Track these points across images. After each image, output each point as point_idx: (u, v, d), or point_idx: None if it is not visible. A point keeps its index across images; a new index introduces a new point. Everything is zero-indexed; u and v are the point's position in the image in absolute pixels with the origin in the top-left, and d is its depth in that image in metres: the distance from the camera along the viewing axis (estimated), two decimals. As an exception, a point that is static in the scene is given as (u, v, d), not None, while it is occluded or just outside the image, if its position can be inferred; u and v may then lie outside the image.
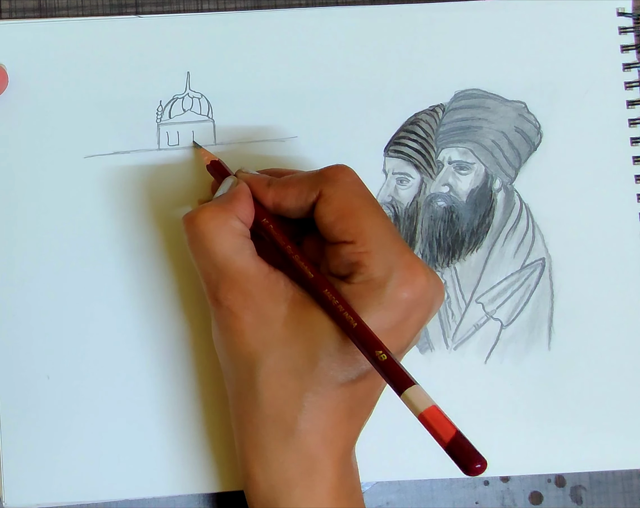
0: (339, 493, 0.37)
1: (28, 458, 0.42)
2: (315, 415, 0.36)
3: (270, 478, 0.37)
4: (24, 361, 0.43)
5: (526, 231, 0.45)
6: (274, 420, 0.37)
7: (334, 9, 0.46)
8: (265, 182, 0.39)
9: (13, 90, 0.44)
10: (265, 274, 0.37)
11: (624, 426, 0.44)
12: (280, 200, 0.39)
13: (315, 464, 0.37)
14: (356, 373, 0.36)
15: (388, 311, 0.36)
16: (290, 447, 0.37)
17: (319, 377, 0.36)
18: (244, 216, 0.38)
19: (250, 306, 0.37)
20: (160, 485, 0.43)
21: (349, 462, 0.39)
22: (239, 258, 0.37)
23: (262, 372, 0.37)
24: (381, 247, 0.36)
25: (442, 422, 0.32)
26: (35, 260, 0.43)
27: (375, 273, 0.36)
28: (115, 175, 0.43)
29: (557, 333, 0.45)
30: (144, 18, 0.45)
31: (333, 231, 0.37)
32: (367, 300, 0.36)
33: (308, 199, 0.38)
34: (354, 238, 0.36)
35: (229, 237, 0.37)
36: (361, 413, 0.38)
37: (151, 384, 0.43)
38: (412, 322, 0.37)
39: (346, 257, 0.37)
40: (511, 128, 0.45)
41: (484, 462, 0.31)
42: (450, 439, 0.31)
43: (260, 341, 0.36)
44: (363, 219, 0.37)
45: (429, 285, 0.37)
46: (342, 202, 0.37)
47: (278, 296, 0.37)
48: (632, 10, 0.46)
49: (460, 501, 0.45)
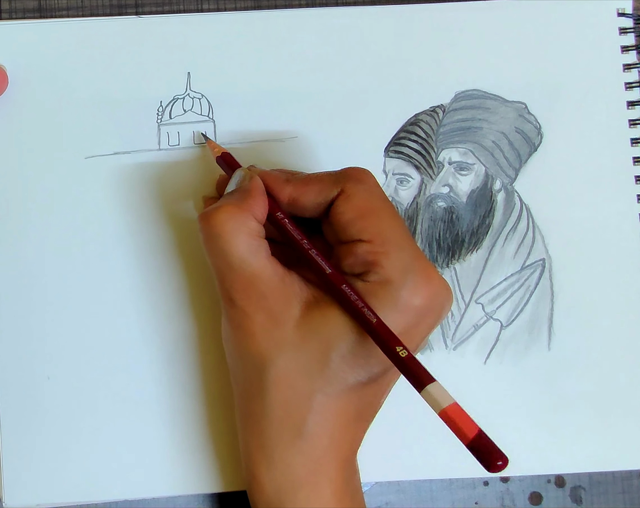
0: (343, 494, 0.37)
1: (28, 458, 0.42)
2: (324, 417, 0.36)
3: (275, 480, 0.37)
4: (24, 361, 0.43)
5: (526, 232, 0.45)
6: (281, 421, 0.37)
7: (334, 9, 0.46)
8: (283, 178, 0.39)
9: (13, 90, 0.43)
10: (281, 277, 0.37)
11: (624, 426, 0.44)
12: (299, 196, 0.38)
13: (321, 466, 0.37)
14: (367, 376, 0.36)
15: (401, 314, 0.36)
16: (298, 448, 0.37)
17: (330, 378, 0.36)
18: (259, 215, 0.38)
19: (264, 307, 0.36)
20: (161, 485, 0.43)
21: (354, 464, 0.39)
22: (255, 260, 0.37)
23: (271, 372, 0.36)
24: (398, 250, 0.36)
25: (465, 419, 0.32)
26: (36, 261, 0.43)
27: (391, 274, 0.36)
28: (116, 176, 0.43)
29: (557, 334, 0.45)
30: (144, 18, 0.45)
31: (351, 228, 0.37)
32: (382, 301, 0.36)
33: (329, 195, 0.38)
34: (372, 237, 0.37)
35: (245, 238, 0.37)
36: (367, 417, 0.38)
37: (151, 384, 0.43)
38: (423, 328, 0.37)
39: (362, 256, 0.37)
40: (511, 129, 0.45)
41: (506, 459, 0.31)
42: (474, 436, 0.31)
43: (272, 342, 0.36)
44: (382, 220, 0.37)
45: (441, 291, 0.37)
46: (364, 200, 0.37)
47: (292, 298, 0.37)
48: (632, 10, 0.46)
49: (459, 501, 0.45)
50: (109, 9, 0.46)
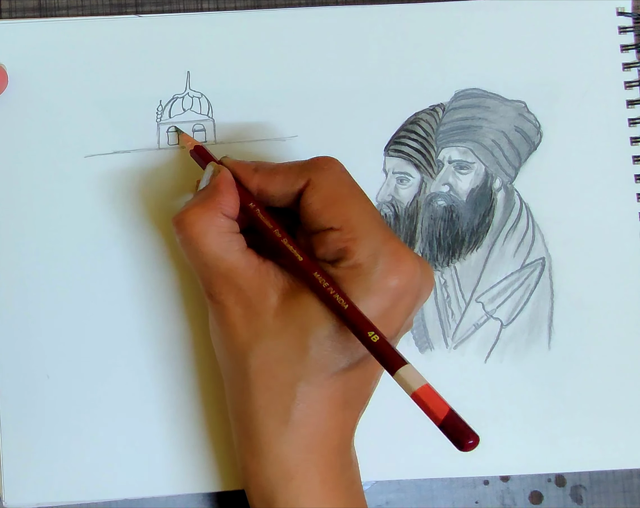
0: (337, 484, 0.37)
1: (28, 458, 0.42)
2: (308, 405, 0.37)
3: (266, 470, 0.37)
4: (24, 360, 0.43)
5: (526, 230, 0.45)
6: (266, 411, 0.37)
7: (334, 8, 0.46)
8: (251, 167, 0.39)
9: (13, 90, 0.44)
10: (255, 267, 0.38)
11: (624, 426, 0.44)
12: (266, 186, 0.39)
13: (310, 455, 0.37)
14: (347, 362, 0.36)
15: (375, 297, 0.36)
16: (285, 438, 0.37)
17: (310, 366, 0.36)
18: (229, 209, 0.38)
19: (242, 299, 0.37)
20: (160, 485, 0.43)
21: (347, 454, 0.39)
22: (228, 256, 0.37)
23: (253, 362, 0.37)
24: (367, 234, 0.37)
25: (436, 399, 0.32)
26: (35, 259, 0.43)
27: (361, 259, 0.36)
28: (116, 175, 0.44)
29: (557, 333, 0.45)
30: (144, 18, 0.45)
31: (320, 218, 0.37)
32: (354, 285, 0.36)
33: (295, 185, 0.38)
34: (341, 225, 0.37)
35: (216, 236, 0.37)
36: (356, 404, 0.38)
37: (151, 384, 0.43)
38: (400, 309, 0.37)
39: (333, 244, 0.37)
40: (511, 127, 0.45)
41: (477, 437, 0.32)
42: (445, 416, 0.32)
43: (252, 332, 0.37)
44: (350, 207, 0.37)
45: (415, 271, 0.37)
46: (330, 189, 0.38)
47: (268, 288, 0.37)
48: (631, 9, 0.46)
49: (460, 500, 0.45)
50: (108, 9, 0.46)
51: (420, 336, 0.44)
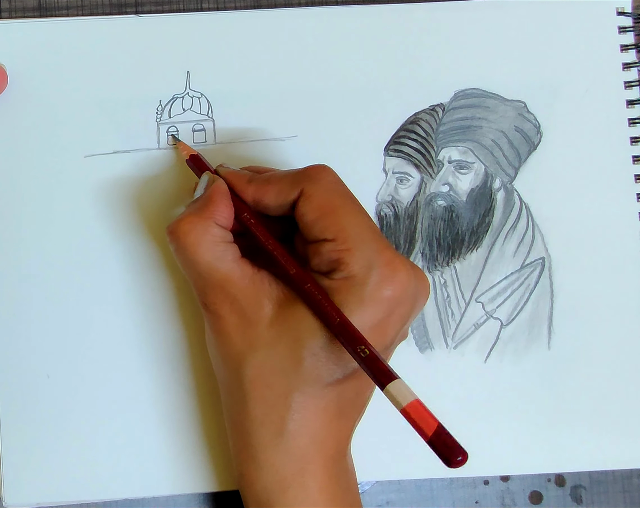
0: (333, 493, 0.37)
1: (28, 458, 0.42)
2: (303, 415, 0.36)
3: (263, 479, 0.37)
4: (24, 360, 0.43)
5: (526, 230, 0.45)
6: (262, 421, 0.37)
7: (334, 8, 0.46)
8: (246, 178, 0.39)
9: (13, 90, 0.44)
10: (249, 277, 0.37)
11: (624, 426, 0.44)
12: (261, 197, 0.39)
13: (306, 465, 0.37)
14: (342, 373, 0.36)
15: (369, 308, 0.36)
16: (280, 448, 0.37)
17: (305, 377, 0.36)
18: (223, 219, 0.38)
19: (236, 309, 0.37)
20: (160, 485, 0.43)
21: (343, 462, 0.39)
22: (222, 265, 0.37)
23: (248, 372, 0.37)
24: (361, 245, 0.36)
25: (424, 415, 0.32)
26: (35, 260, 0.43)
27: (355, 270, 0.36)
28: (116, 175, 0.44)
29: (557, 333, 0.45)
30: (144, 18, 0.45)
31: (314, 229, 0.37)
32: (348, 297, 0.36)
33: (288, 196, 0.38)
34: (335, 236, 0.37)
35: (209, 246, 0.37)
36: (351, 414, 0.38)
37: (151, 384, 0.43)
38: (395, 319, 0.37)
39: (327, 255, 0.37)
40: (511, 127, 0.45)
41: (465, 454, 0.31)
42: (433, 433, 0.32)
43: (247, 342, 0.37)
44: (344, 217, 0.37)
45: (410, 281, 0.37)
46: (323, 200, 0.37)
47: (263, 298, 0.37)
48: (631, 9, 0.46)
49: (460, 500, 0.45)
50: (108, 8, 0.46)
51: (420, 336, 0.44)
